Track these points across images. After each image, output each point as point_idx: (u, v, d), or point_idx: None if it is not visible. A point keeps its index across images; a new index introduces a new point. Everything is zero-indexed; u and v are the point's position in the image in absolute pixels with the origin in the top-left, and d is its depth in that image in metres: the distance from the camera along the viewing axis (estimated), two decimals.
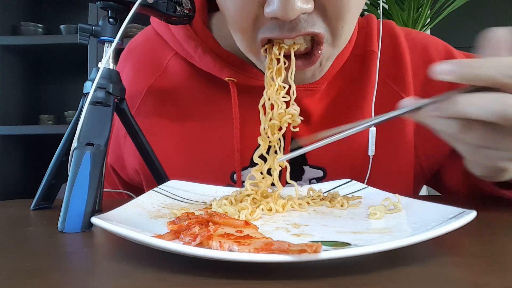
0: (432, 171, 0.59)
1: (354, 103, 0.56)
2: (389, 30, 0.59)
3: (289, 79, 0.43)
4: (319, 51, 0.43)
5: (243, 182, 0.54)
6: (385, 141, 0.55)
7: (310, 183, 0.55)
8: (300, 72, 0.45)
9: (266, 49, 0.44)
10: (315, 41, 0.43)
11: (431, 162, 0.58)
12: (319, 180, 0.56)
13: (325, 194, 0.45)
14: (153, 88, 0.59)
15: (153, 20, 0.62)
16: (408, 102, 0.34)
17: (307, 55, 0.44)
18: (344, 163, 0.55)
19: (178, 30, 0.56)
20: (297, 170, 0.55)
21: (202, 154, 0.56)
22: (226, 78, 0.54)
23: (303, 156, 0.55)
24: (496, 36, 0.32)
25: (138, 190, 0.60)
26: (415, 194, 0.62)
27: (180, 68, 0.58)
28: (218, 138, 0.55)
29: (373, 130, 0.52)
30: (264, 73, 0.45)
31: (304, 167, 0.55)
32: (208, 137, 0.56)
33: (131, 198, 0.56)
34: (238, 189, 0.46)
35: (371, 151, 0.52)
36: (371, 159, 0.53)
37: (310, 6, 0.38)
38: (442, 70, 0.31)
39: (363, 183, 0.52)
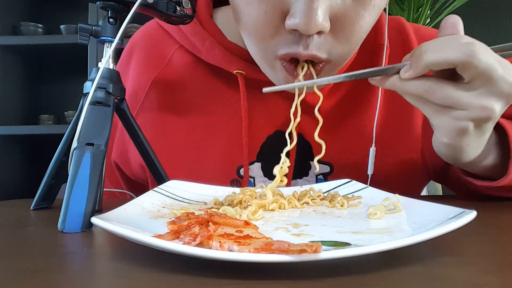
0: (436, 169, 0.59)
1: (364, 97, 0.56)
2: (399, 26, 0.60)
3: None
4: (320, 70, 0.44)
5: (249, 177, 0.55)
6: (392, 134, 0.55)
7: (317, 179, 0.55)
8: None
9: (284, 63, 0.44)
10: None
11: (435, 159, 0.58)
12: (326, 175, 0.56)
13: (325, 194, 0.45)
14: (157, 81, 0.59)
15: None
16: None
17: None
18: (351, 158, 0.55)
19: None
20: (303, 165, 0.55)
21: (208, 149, 0.56)
22: (235, 71, 0.53)
23: (309, 151, 0.55)
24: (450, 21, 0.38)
25: (141, 189, 0.60)
26: (419, 190, 0.63)
27: (184, 61, 0.58)
28: (224, 132, 0.55)
29: (373, 150, 0.52)
30: (274, 84, 0.46)
31: (311, 162, 0.55)
32: (214, 131, 0.56)
33: (131, 198, 0.56)
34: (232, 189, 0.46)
35: (370, 170, 0.52)
36: (369, 179, 0.53)
37: (327, 26, 0.39)
38: (403, 73, 0.37)
39: (369, 177, 0.53)
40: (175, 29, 0.58)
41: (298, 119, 0.41)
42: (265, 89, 0.40)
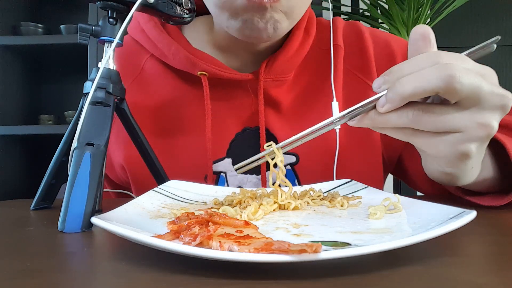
0: (392, 160, 0.63)
1: (322, 92, 0.61)
2: (355, 28, 0.66)
3: None
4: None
5: (220, 173, 0.59)
6: (352, 129, 0.58)
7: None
8: (256, 22, 0.50)
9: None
10: None
11: (390, 150, 0.62)
12: (293, 165, 0.59)
13: (325, 194, 0.45)
14: (131, 88, 0.61)
15: (130, 26, 0.65)
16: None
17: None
18: (316, 147, 0.57)
19: (152, 31, 0.60)
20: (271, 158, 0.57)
21: (180, 148, 0.59)
22: (198, 73, 0.57)
23: (275, 142, 0.57)
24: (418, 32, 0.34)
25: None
26: (380, 185, 0.64)
27: (155, 68, 0.62)
28: (194, 132, 0.59)
29: (335, 104, 0.55)
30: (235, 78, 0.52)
31: None
32: (184, 132, 0.59)
33: (131, 198, 0.56)
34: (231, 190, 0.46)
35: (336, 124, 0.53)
36: (337, 132, 0.56)
37: None
38: (380, 107, 0.33)
39: (334, 165, 0.56)
40: (145, 38, 0.61)
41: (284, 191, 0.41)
42: (237, 167, 0.41)
